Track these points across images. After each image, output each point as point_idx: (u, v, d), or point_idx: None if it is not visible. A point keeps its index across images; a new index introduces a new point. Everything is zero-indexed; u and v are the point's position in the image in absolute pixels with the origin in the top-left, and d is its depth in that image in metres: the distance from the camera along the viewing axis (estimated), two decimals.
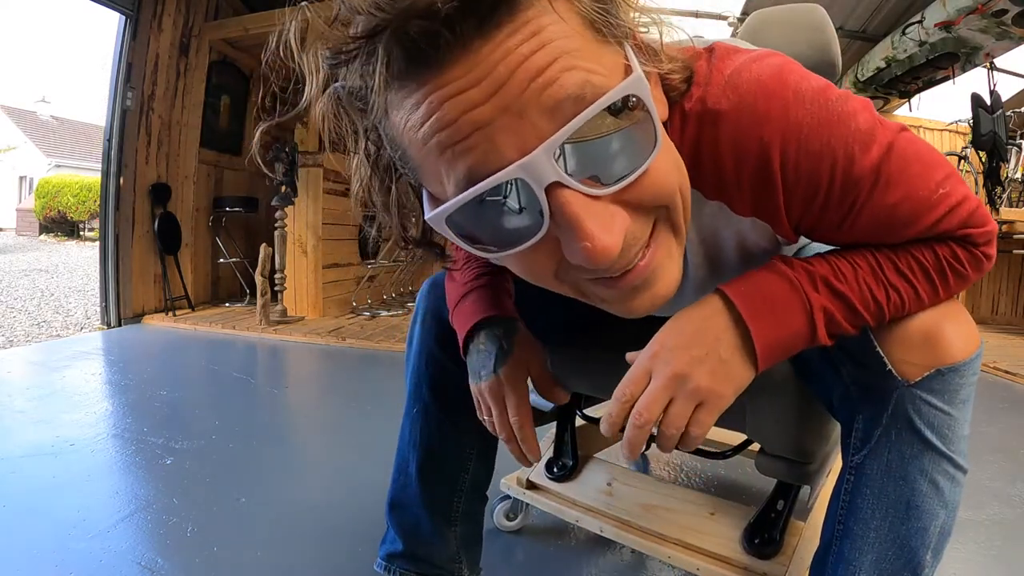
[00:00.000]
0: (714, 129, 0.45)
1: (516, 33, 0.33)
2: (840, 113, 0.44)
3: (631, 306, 0.44)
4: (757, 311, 0.47)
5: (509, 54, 0.33)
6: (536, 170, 0.34)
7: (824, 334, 0.48)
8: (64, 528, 1.13)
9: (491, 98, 0.34)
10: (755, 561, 0.81)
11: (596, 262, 0.36)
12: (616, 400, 0.49)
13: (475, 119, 0.34)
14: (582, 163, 0.36)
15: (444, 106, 0.34)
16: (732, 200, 0.49)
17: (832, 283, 0.48)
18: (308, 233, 3.55)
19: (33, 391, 2.12)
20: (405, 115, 0.36)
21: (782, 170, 0.45)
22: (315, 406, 2.18)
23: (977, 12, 3.29)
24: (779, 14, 0.99)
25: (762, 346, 0.47)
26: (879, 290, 0.48)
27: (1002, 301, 4.05)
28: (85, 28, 68.84)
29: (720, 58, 0.46)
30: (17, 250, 10.46)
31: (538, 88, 0.34)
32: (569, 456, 1.06)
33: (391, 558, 0.81)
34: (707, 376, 0.47)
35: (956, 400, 0.50)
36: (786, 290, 0.48)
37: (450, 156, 0.35)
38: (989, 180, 3.88)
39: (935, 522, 0.52)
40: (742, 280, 0.50)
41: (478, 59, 0.33)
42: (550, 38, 0.34)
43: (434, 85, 0.34)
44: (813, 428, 0.72)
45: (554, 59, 0.34)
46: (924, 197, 0.46)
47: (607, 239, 0.36)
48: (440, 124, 0.34)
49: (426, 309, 0.77)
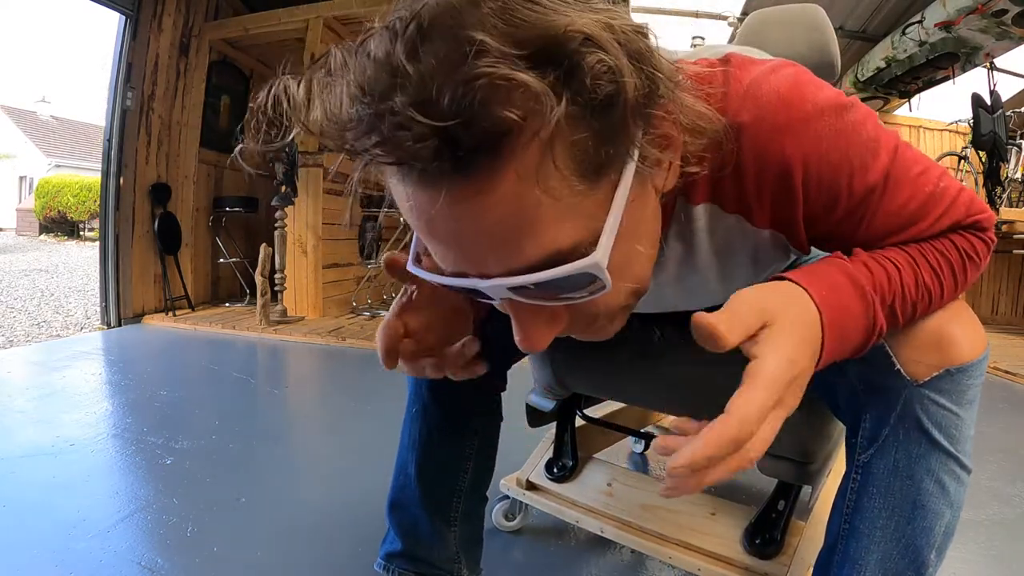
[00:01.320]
0: (736, 142, 0.44)
1: (488, 195, 0.32)
2: (853, 123, 0.45)
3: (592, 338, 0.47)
4: (834, 331, 0.42)
5: (476, 217, 0.33)
6: (489, 292, 0.38)
7: (865, 351, 0.46)
8: (64, 528, 1.13)
9: (451, 244, 0.36)
10: (756, 561, 0.81)
11: (526, 351, 0.42)
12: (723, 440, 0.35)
13: (440, 239, 0.37)
14: (536, 290, 0.38)
15: (415, 210, 0.35)
16: (752, 213, 0.49)
17: (895, 307, 0.46)
18: (308, 233, 3.55)
19: (33, 391, 2.12)
20: (393, 187, 0.37)
21: (804, 183, 0.45)
22: (315, 406, 2.17)
23: (977, 12, 3.29)
24: (778, 14, 0.99)
25: (825, 359, 0.43)
26: (916, 293, 0.47)
27: (1002, 301, 4.05)
28: (85, 28, 68.84)
29: (737, 68, 0.46)
30: (17, 250, 10.45)
31: (498, 255, 0.36)
32: (569, 456, 1.06)
33: (390, 558, 0.81)
34: (797, 393, 0.40)
35: (964, 400, 0.50)
36: (860, 311, 0.44)
37: (424, 237, 0.38)
38: (989, 180, 3.88)
39: (940, 521, 0.52)
40: (825, 283, 0.43)
41: (451, 198, 0.33)
42: (520, 208, 0.33)
43: (413, 190, 0.34)
44: (815, 428, 0.72)
45: (519, 229, 0.34)
46: (929, 192, 0.48)
47: (536, 340, 0.41)
48: (416, 216, 0.36)
49: None
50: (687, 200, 0.49)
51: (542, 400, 0.96)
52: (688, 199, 0.49)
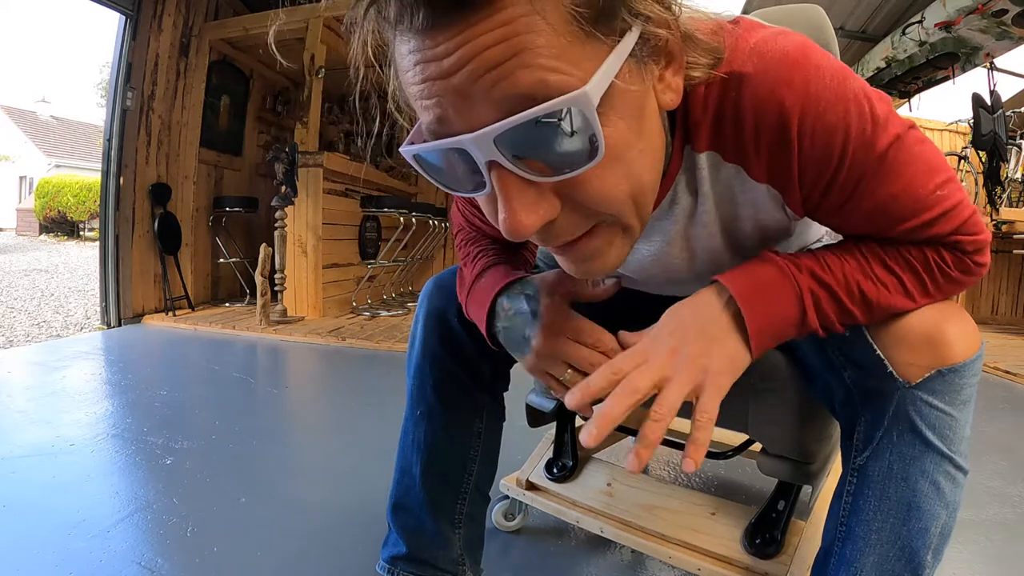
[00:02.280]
0: (737, 91, 0.45)
1: (486, 20, 0.35)
2: (856, 93, 0.45)
3: (578, 271, 0.46)
4: (749, 295, 0.49)
5: (471, 41, 0.35)
6: (477, 148, 0.37)
7: (814, 317, 0.50)
8: (64, 528, 1.13)
9: (450, 76, 0.36)
10: (756, 561, 0.81)
11: (509, 234, 0.40)
12: (602, 372, 0.47)
13: (437, 88, 0.37)
14: (523, 149, 0.38)
15: (419, 66, 0.37)
16: (749, 164, 0.49)
17: (817, 272, 0.50)
18: (308, 233, 3.55)
19: (33, 391, 2.12)
20: (400, 57, 0.39)
21: (799, 136, 0.45)
22: (315, 406, 2.17)
23: (977, 12, 3.29)
24: (778, 14, 0.99)
25: (755, 329, 0.49)
26: (865, 282, 0.50)
27: (1002, 301, 4.05)
28: (85, 28, 68.81)
29: (745, 28, 0.47)
30: (17, 250, 10.45)
31: (489, 81, 0.35)
32: (569, 456, 1.06)
33: (394, 561, 0.81)
34: (702, 355, 0.48)
35: (957, 401, 0.50)
36: (776, 275, 0.50)
37: (421, 106, 0.39)
38: (989, 180, 3.89)
39: (936, 523, 0.52)
40: (735, 270, 0.52)
41: (449, 35, 0.35)
42: (516, 32, 0.35)
43: (417, 44, 0.37)
44: (814, 428, 0.72)
45: (513, 54, 0.35)
46: (922, 195, 0.48)
47: (523, 218, 0.39)
48: (416, 79, 0.38)
49: (428, 310, 0.76)
50: (693, 148, 0.50)
51: (542, 400, 0.96)
52: (693, 147, 0.50)
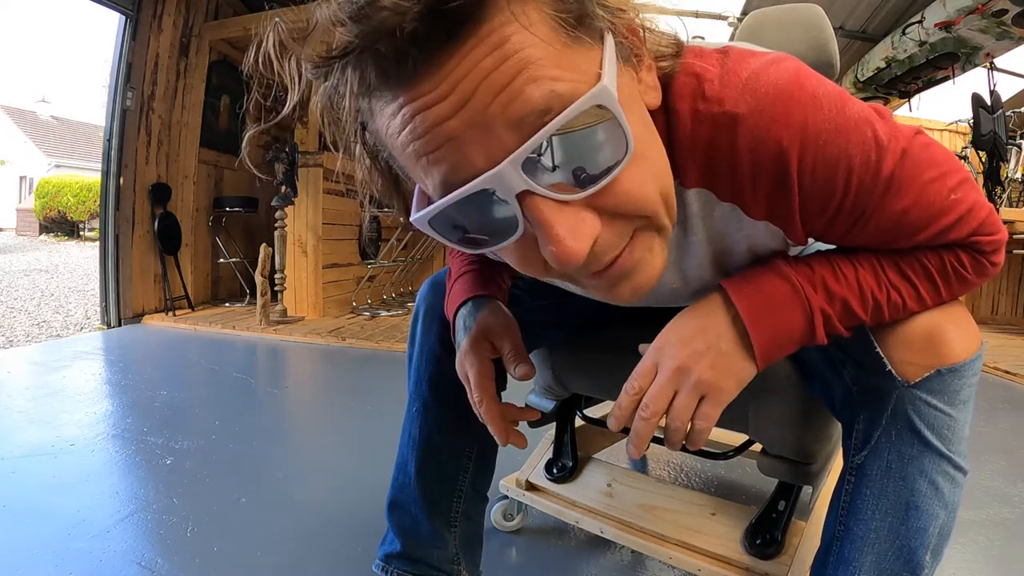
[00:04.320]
0: (731, 132, 0.44)
1: (481, 45, 0.34)
2: (857, 120, 0.44)
3: (614, 294, 0.44)
4: (757, 315, 0.49)
5: (474, 68, 0.34)
6: (504, 181, 0.35)
7: (822, 334, 0.49)
8: (64, 528, 1.13)
9: (458, 112, 0.34)
10: (757, 561, 0.81)
11: (563, 265, 0.37)
12: (625, 392, 0.51)
13: (444, 132, 0.35)
14: (552, 168, 0.36)
15: (416, 118, 0.35)
16: (747, 203, 0.48)
17: (830, 285, 0.49)
18: (308, 233, 3.55)
19: (33, 391, 2.12)
20: (385, 122, 0.37)
21: (799, 175, 0.44)
22: (315, 406, 2.17)
23: (977, 12, 3.29)
24: (777, 14, 0.99)
25: (760, 346, 0.48)
26: (879, 291, 0.49)
27: (1002, 301, 4.05)
28: (85, 28, 68.80)
29: (735, 60, 0.45)
30: (17, 250, 10.45)
31: (502, 103, 0.34)
32: (569, 457, 1.06)
33: (389, 559, 0.81)
34: (709, 370, 0.48)
35: (956, 401, 0.50)
36: (787, 292, 0.49)
37: (426, 163, 0.37)
38: (989, 180, 3.88)
39: (935, 523, 0.52)
40: (744, 278, 0.50)
41: (445, 73, 0.34)
42: (514, 49, 0.34)
43: (407, 97, 0.35)
44: (815, 429, 0.72)
45: (518, 72, 0.34)
46: (935, 203, 0.46)
47: (573, 244, 0.37)
48: (414, 135, 0.36)
49: (427, 308, 0.77)
50: (681, 183, 0.48)
51: (542, 400, 0.96)
52: (682, 182, 0.48)
